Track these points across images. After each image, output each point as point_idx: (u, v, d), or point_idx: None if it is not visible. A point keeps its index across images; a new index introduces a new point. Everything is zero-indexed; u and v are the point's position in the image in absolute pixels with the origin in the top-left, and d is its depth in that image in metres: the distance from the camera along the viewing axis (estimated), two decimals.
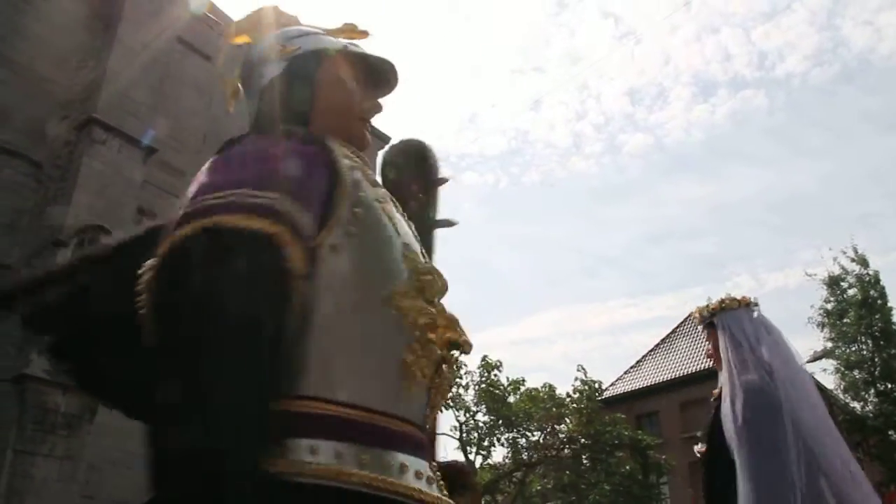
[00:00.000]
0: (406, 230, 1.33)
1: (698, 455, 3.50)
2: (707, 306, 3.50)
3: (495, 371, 24.59)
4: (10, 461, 9.06)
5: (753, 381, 3.05)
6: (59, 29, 12.01)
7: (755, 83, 72.15)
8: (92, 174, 10.93)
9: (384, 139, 14.66)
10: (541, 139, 79.75)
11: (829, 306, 23.17)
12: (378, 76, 1.59)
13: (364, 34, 1.62)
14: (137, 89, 11.87)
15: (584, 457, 23.48)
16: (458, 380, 24.79)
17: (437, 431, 1.23)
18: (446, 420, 26.05)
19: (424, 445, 1.24)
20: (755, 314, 3.39)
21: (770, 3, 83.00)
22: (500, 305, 78.18)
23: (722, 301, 3.47)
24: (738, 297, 3.46)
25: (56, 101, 11.70)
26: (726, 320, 3.37)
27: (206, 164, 1.24)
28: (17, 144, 11.20)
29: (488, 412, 24.50)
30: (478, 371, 24.88)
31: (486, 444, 24.78)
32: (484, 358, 24.97)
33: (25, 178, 11.23)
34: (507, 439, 24.70)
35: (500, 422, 24.31)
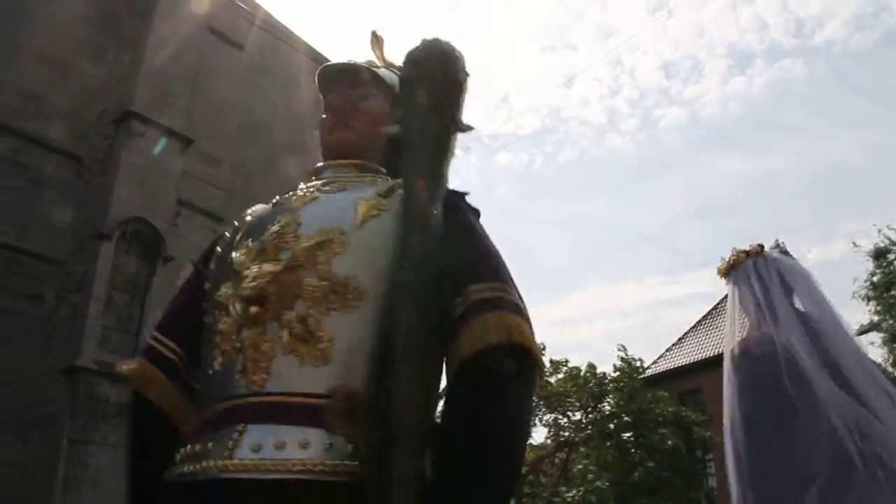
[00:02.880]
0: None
1: None
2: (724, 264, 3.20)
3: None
4: (65, 451, 9.30)
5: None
6: (94, 24, 12.18)
7: (793, 52, 70.72)
8: (131, 167, 11.10)
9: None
10: (574, 117, 79.19)
11: (874, 279, 22.69)
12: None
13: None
14: (173, 81, 12.00)
15: (626, 435, 23.38)
16: None
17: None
18: None
19: (231, 417, 1.24)
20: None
21: None
22: (538, 286, 78.13)
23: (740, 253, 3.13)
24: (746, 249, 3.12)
25: (94, 97, 11.89)
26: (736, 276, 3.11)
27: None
28: (59, 141, 11.42)
29: None
30: None
31: None
32: None
33: (67, 173, 11.45)
34: (548, 420, 24.70)
35: (542, 402, 24.30)
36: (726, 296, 3.23)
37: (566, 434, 24.41)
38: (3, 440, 9.49)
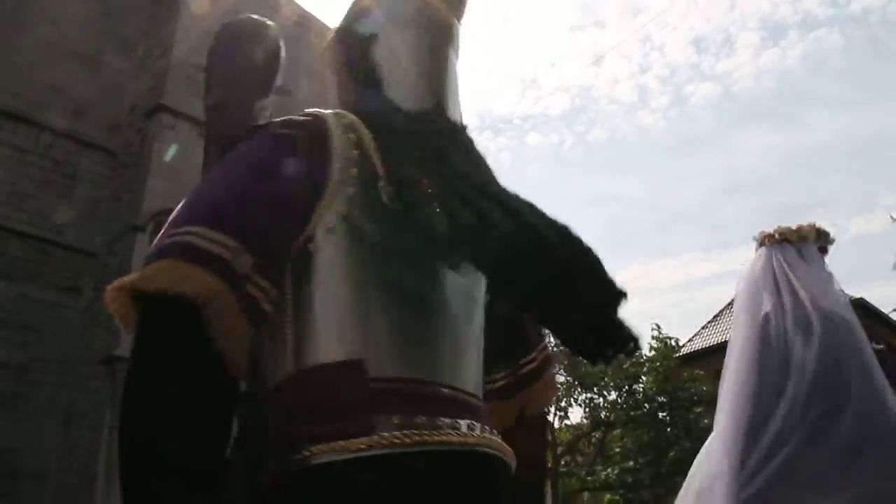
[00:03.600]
0: None
1: None
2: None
3: None
4: (106, 439, 9.51)
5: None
6: (124, 20, 12.32)
7: (829, 22, 69.18)
8: (163, 159, 11.24)
9: None
10: (605, 95, 78.13)
11: None
12: None
13: None
14: (202, 73, 12.09)
15: (662, 414, 23.29)
16: None
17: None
18: None
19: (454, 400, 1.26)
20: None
21: None
22: None
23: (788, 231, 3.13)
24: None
25: (125, 91, 12.05)
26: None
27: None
28: (93, 136, 11.61)
29: (565, 373, 24.50)
30: None
31: (563, 405, 24.83)
32: None
33: (102, 167, 11.64)
34: (584, 399, 24.68)
35: (577, 382, 24.28)
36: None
37: (602, 414, 24.40)
38: (50, 430, 9.74)
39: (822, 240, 3.19)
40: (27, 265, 10.44)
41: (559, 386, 24.73)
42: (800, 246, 3.14)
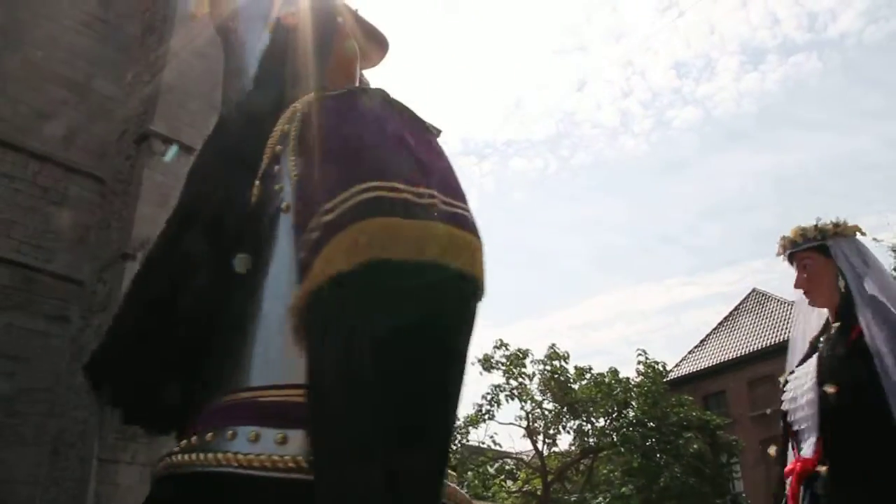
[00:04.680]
0: None
1: (772, 453, 2.97)
2: (815, 226, 3.08)
3: (562, 361, 24.52)
4: (95, 470, 9.33)
5: None
6: (114, 47, 12.30)
7: (807, 46, 70.44)
8: (153, 186, 11.15)
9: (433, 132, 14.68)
10: (588, 119, 79.02)
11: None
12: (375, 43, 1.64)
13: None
14: (191, 99, 12.07)
15: (651, 440, 23.25)
16: (523, 370, 24.80)
17: None
18: (512, 410, 26.17)
19: None
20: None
21: None
22: (557, 290, 77.94)
23: (836, 225, 3.06)
24: (851, 224, 3.08)
25: (115, 117, 11.99)
26: (843, 247, 2.99)
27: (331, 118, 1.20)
28: (82, 162, 11.51)
29: (554, 400, 24.43)
30: (543, 360, 24.82)
31: (552, 432, 24.72)
32: (551, 347, 24.90)
33: (91, 194, 11.54)
34: (572, 427, 24.60)
35: (566, 409, 24.20)
36: (747, 296, 3.21)
37: (591, 440, 24.30)
38: (38, 459, 9.56)
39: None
40: (14, 293, 10.30)
41: (548, 413, 24.61)
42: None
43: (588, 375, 24.50)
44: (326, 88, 1.37)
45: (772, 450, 2.86)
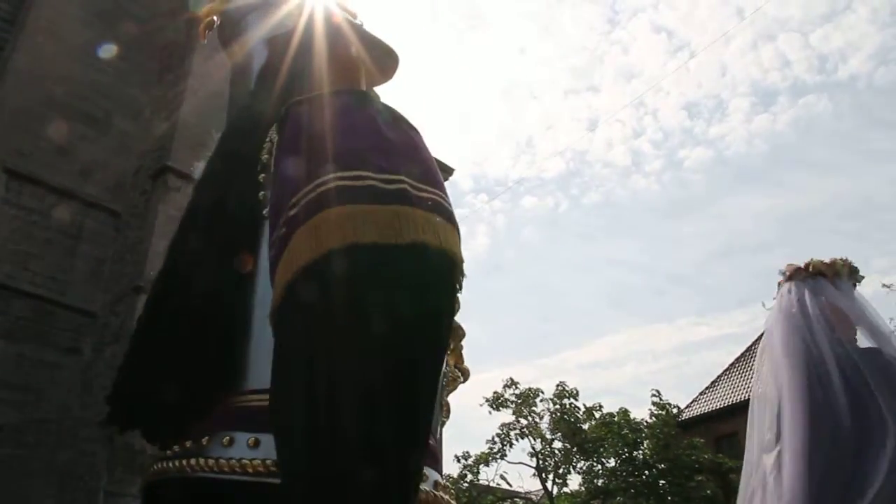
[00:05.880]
0: None
1: None
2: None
3: (571, 399, 24.34)
4: (102, 503, 9.31)
5: None
6: (133, 83, 12.54)
7: (817, 88, 70.61)
8: (168, 221, 11.26)
9: (446, 170, 14.78)
10: (599, 159, 79.11)
11: None
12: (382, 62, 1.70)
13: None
14: (208, 136, 12.19)
15: (662, 482, 22.94)
16: (533, 408, 24.62)
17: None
18: (522, 447, 25.88)
19: None
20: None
21: (828, 4, 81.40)
22: (567, 330, 77.40)
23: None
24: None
25: (131, 152, 12.18)
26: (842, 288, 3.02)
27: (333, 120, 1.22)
28: (98, 196, 11.68)
29: (563, 439, 24.21)
30: (553, 399, 24.65)
31: (561, 471, 24.45)
32: (559, 385, 24.76)
33: (106, 227, 11.68)
34: (582, 467, 24.33)
35: (575, 449, 23.97)
36: (759, 337, 3.19)
37: (600, 482, 24.00)
38: (46, 492, 9.56)
39: (853, 276, 3.13)
40: (28, 325, 10.39)
41: (557, 452, 24.36)
42: (834, 281, 3.08)
43: (598, 415, 24.29)
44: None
45: None
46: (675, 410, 24.50)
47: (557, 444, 24.44)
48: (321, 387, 0.93)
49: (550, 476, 24.36)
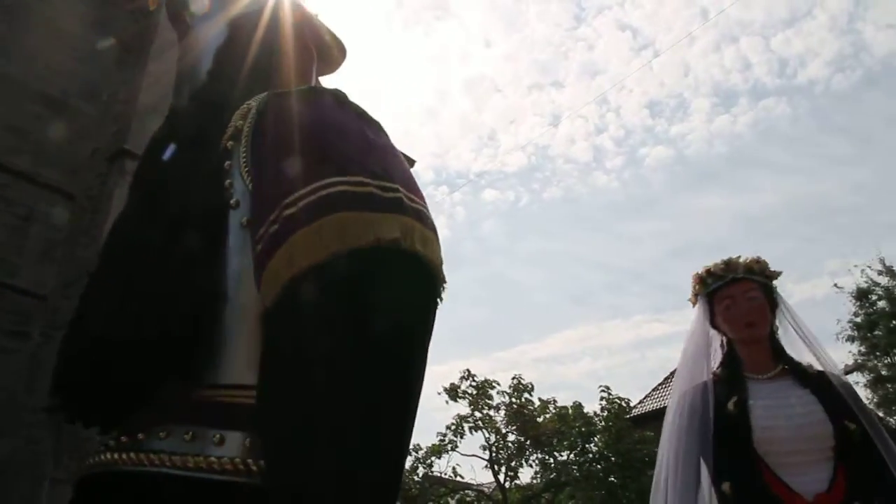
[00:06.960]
0: None
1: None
2: (764, 263, 3.03)
3: (526, 394, 24.51)
4: (47, 491, 9.17)
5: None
6: (90, 64, 12.30)
7: (777, 91, 71.68)
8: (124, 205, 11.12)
9: (409, 161, 14.79)
10: (561, 154, 79.34)
11: (858, 320, 22.88)
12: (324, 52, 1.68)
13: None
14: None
15: (613, 477, 23.25)
16: (489, 401, 24.76)
17: None
18: (476, 440, 26.01)
19: None
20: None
21: (789, 9, 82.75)
22: (523, 323, 77.70)
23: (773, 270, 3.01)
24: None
25: (88, 134, 11.95)
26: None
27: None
28: (51, 178, 11.45)
29: (518, 432, 24.39)
30: (507, 392, 24.79)
31: (513, 464, 24.65)
32: (515, 378, 24.91)
33: (60, 210, 11.46)
34: (535, 459, 24.54)
35: (529, 442, 24.18)
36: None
37: (553, 475, 24.26)
38: None
39: (704, 286, 3.13)
40: None
41: (511, 445, 24.54)
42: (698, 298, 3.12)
43: (552, 408, 24.54)
44: (283, 87, 1.40)
45: (726, 486, 2.67)
46: (625, 405, 24.82)
47: (511, 437, 24.64)
48: (321, 388, 0.95)
49: (503, 468, 24.55)
